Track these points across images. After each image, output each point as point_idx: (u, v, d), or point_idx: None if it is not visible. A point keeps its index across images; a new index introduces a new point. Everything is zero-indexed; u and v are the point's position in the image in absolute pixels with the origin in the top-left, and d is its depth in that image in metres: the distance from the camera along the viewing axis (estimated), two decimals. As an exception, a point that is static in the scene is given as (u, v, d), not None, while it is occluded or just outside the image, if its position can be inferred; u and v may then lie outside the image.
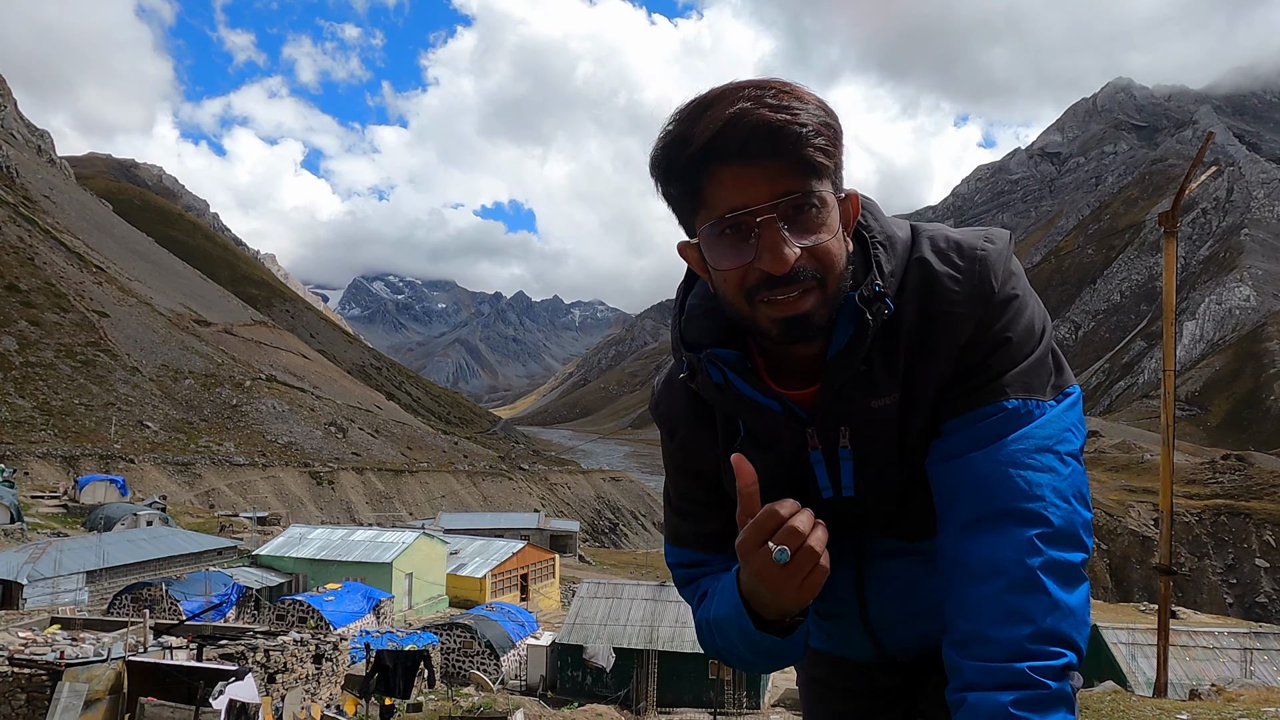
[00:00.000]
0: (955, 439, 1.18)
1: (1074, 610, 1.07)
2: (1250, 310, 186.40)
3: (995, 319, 1.17)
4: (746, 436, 1.29)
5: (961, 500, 1.15)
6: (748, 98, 1.05)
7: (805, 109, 1.06)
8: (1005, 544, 1.09)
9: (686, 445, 1.37)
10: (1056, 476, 1.12)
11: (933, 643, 1.41)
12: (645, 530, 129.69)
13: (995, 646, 1.05)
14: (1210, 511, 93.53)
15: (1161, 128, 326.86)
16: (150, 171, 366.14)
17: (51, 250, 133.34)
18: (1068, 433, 1.16)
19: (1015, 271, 1.20)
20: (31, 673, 12.08)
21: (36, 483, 63.91)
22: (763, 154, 1.04)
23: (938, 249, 1.20)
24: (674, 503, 1.43)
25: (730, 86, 1.09)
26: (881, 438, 1.23)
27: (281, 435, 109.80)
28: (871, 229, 1.21)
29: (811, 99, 1.08)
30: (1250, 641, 22.61)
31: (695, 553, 1.39)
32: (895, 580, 1.38)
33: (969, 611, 1.10)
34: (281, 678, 15.84)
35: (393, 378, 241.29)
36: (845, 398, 1.20)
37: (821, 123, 1.06)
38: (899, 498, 1.29)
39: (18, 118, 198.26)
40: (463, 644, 25.20)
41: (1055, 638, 1.05)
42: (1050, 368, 1.19)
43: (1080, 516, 1.12)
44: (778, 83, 1.08)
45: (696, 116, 1.08)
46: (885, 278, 1.16)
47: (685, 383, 1.28)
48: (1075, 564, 1.10)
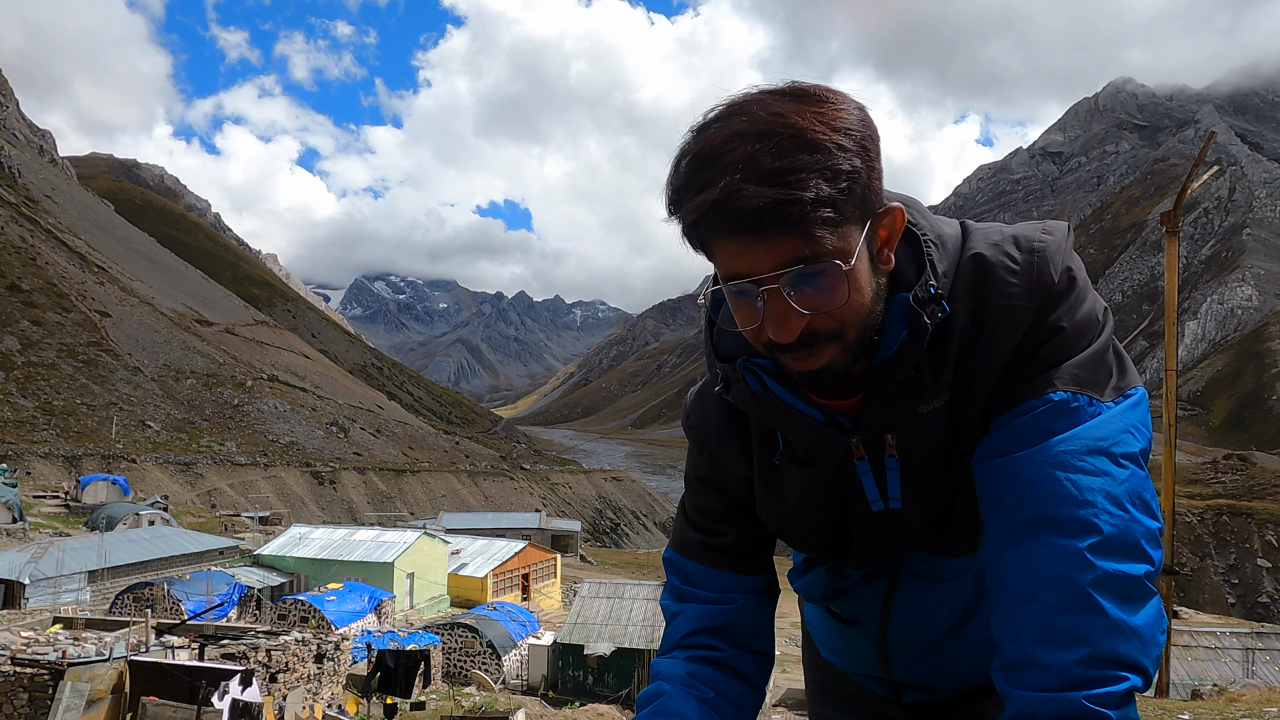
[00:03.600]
0: (999, 436, 1.09)
1: (1138, 630, 0.96)
2: (1252, 310, 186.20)
3: (1052, 308, 1.08)
4: (786, 451, 1.22)
5: (1004, 506, 1.06)
6: (743, 161, 0.93)
7: (812, 167, 0.93)
8: (1049, 556, 1.00)
9: (716, 459, 1.31)
10: (1111, 480, 1.01)
11: (938, 687, 1.37)
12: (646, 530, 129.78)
13: (1047, 673, 0.95)
14: (1212, 511, 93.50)
15: (1163, 127, 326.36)
16: (152, 171, 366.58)
17: (53, 250, 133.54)
18: (1126, 434, 1.05)
19: (1074, 263, 1.11)
20: (34, 672, 12.10)
21: (38, 482, 64.00)
22: (756, 232, 0.95)
23: (992, 243, 1.12)
24: (688, 514, 1.38)
25: (732, 131, 0.96)
26: (929, 445, 1.15)
27: (283, 435, 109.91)
28: (921, 226, 1.12)
29: (828, 134, 0.95)
30: (1252, 642, 22.62)
31: (695, 564, 1.34)
32: (922, 603, 1.31)
33: (1013, 633, 1.00)
34: (283, 677, 15.85)
35: (394, 377, 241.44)
36: (891, 404, 1.12)
37: (832, 176, 0.94)
38: (947, 508, 1.21)
39: (19, 118, 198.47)
40: (464, 644, 25.21)
41: (1114, 661, 0.94)
42: (1111, 366, 1.09)
43: (1141, 525, 1.01)
44: (783, 120, 0.95)
45: (691, 176, 0.98)
46: (939, 277, 1.08)
47: (720, 395, 1.22)
48: (1136, 577, 0.98)
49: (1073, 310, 1.09)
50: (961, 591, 1.28)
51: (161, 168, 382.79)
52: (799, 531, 1.29)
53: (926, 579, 1.30)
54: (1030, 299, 1.08)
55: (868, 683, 1.49)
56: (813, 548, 1.32)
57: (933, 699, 1.42)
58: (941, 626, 1.31)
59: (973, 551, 1.23)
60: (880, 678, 1.44)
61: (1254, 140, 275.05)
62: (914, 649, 1.35)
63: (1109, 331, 1.11)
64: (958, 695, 1.39)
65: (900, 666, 1.38)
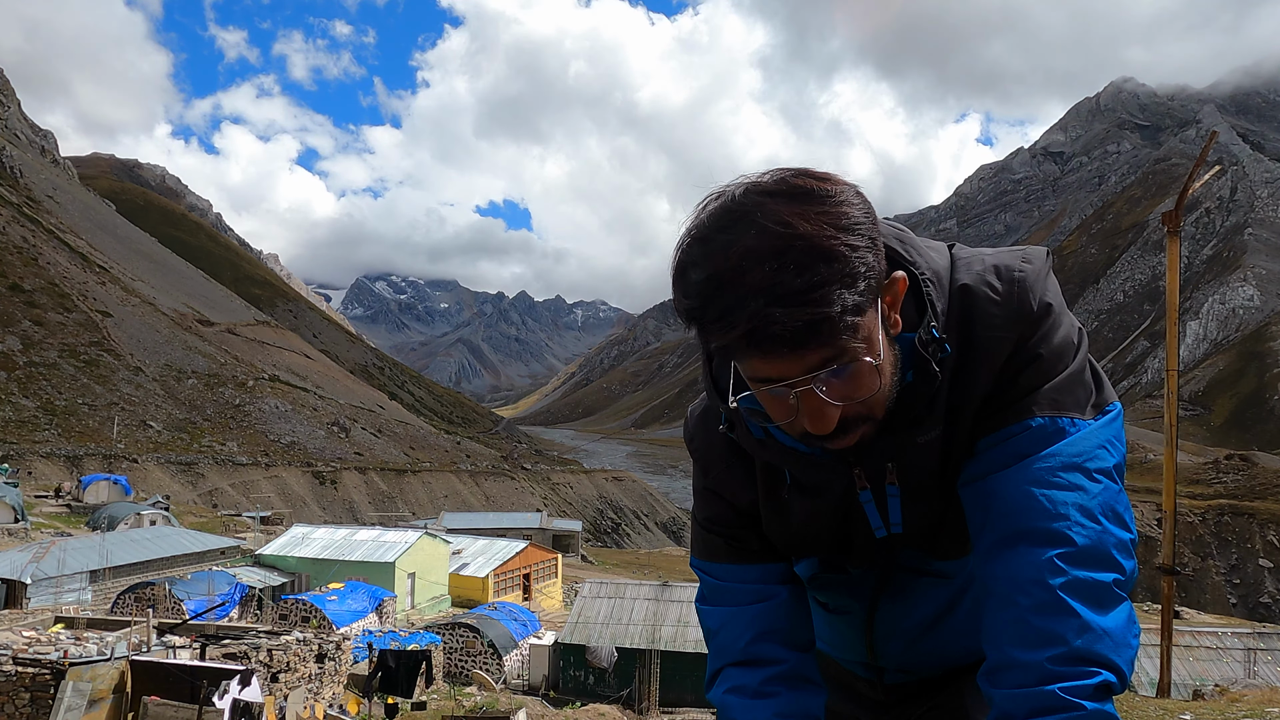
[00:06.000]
0: (982, 460, 1.15)
1: (1109, 631, 1.01)
2: (1254, 310, 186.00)
3: (1029, 335, 1.13)
4: (793, 484, 1.27)
5: (986, 525, 1.13)
6: (764, 287, 0.93)
7: (835, 278, 0.94)
8: (1025, 565, 1.05)
9: (721, 484, 1.35)
10: (1083, 495, 1.07)
11: (920, 670, 1.45)
12: (648, 530, 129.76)
13: (1025, 671, 1.01)
14: (1214, 511, 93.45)
15: (1165, 127, 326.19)
16: (153, 172, 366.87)
17: (55, 250, 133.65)
18: (1101, 449, 1.11)
19: (1052, 289, 1.16)
20: (35, 672, 12.11)
21: (40, 482, 64.06)
22: (788, 351, 0.96)
23: (976, 273, 1.16)
24: (703, 523, 1.40)
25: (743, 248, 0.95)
26: (927, 470, 1.21)
27: (284, 435, 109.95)
28: (917, 264, 1.14)
29: (838, 240, 0.95)
30: (1254, 642, 22.61)
31: (725, 565, 1.37)
32: (910, 596, 1.38)
33: (995, 638, 1.07)
34: (284, 677, 15.85)
35: (395, 377, 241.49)
36: (891, 435, 1.16)
37: (852, 279, 0.95)
38: (939, 522, 1.28)
39: (21, 118, 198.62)
40: (465, 644, 25.21)
41: (1087, 658, 1.00)
42: (1088, 385, 1.15)
43: (1113, 536, 1.06)
44: (793, 233, 0.94)
45: (708, 300, 0.97)
46: (939, 316, 1.12)
47: (725, 434, 1.26)
48: (1106, 584, 1.04)
49: (1049, 336, 1.13)
50: (949, 584, 1.35)
51: (163, 168, 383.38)
52: (805, 549, 1.35)
53: (917, 573, 1.36)
54: (1011, 329, 1.13)
55: (852, 666, 1.56)
56: (816, 557, 1.40)
57: (914, 679, 1.50)
58: (927, 618, 1.38)
59: (963, 557, 1.31)
60: (865, 663, 1.51)
61: (1256, 140, 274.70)
62: (899, 638, 1.41)
63: (1084, 352, 1.16)
64: (939, 676, 1.47)
65: (885, 654, 1.45)
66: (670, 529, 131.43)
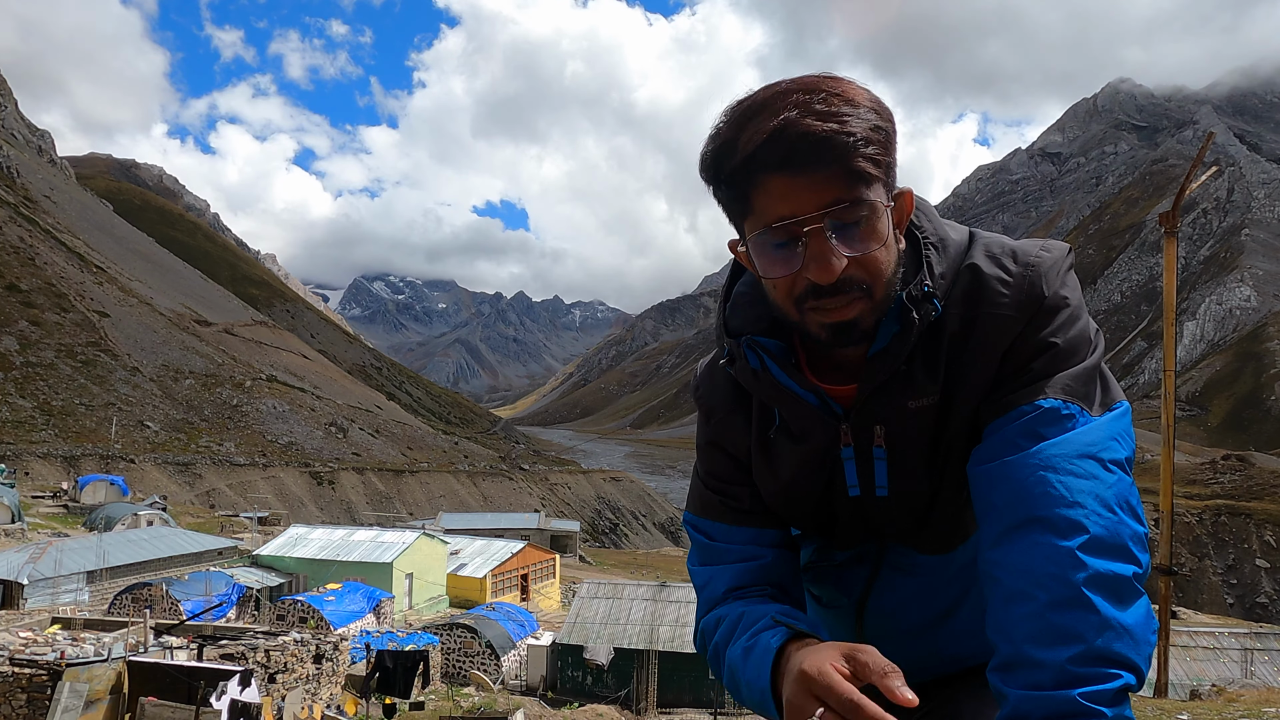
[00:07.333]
0: (992, 442, 1.15)
1: (1130, 629, 0.99)
2: (1251, 310, 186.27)
3: (1044, 324, 1.15)
4: (781, 426, 1.30)
5: (996, 509, 1.10)
6: (795, 104, 1.02)
7: (855, 114, 1.03)
8: (1041, 555, 1.03)
9: (722, 427, 1.39)
10: (1099, 484, 1.06)
11: (911, 674, 1.49)
12: (646, 530, 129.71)
13: (1042, 671, 0.97)
14: (1211, 512, 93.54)
15: (1162, 128, 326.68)
16: (150, 171, 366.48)
17: (52, 250, 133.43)
18: (1113, 441, 1.10)
19: (1070, 283, 1.18)
20: (32, 673, 12.09)
21: (37, 483, 63.98)
22: (809, 164, 1.02)
23: (991, 255, 1.19)
24: (703, 477, 1.44)
25: (778, 90, 1.05)
26: (916, 439, 1.22)
27: (282, 435, 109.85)
28: (924, 229, 1.20)
29: (864, 99, 1.05)
30: (1251, 642, 22.65)
31: (717, 524, 1.39)
32: (898, 596, 1.39)
33: (1008, 632, 1.02)
34: (282, 678, 15.85)
35: (393, 378, 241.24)
36: (883, 396, 1.19)
37: (872, 127, 1.03)
38: (928, 504, 1.28)
39: (18, 118, 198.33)
40: (463, 644, 25.19)
41: (1108, 659, 0.97)
42: (1099, 384, 1.16)
43: (1129, 528, 1.04)
44: (827, 83, 1.05)
45: (743, 123, 1.05)
46: (935, 279, 1.16)
47: (725, 368, 1.31)
48: (1126, 578, 1.01)
49: (1066, 328, 1.15)
50: (938, 588, 1.36)
51: (160, 168, 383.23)
52: (791, 506, 1.36)
53: (904, 571, 1.38)
54: (1019, 310, 1.15)
55: None
56: (803, 523, 1.40)
57: (908, 684, 1.56)
58: (917, 619, 1.40)
59: (948, 551, 1.33)
60: None
61: (1253, 141, 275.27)
62: (889, 638, 1.41)
63: (1100, 353, 1.17)
64: (930, 681, 1.45)
65: None
66: (668, 529, 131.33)
